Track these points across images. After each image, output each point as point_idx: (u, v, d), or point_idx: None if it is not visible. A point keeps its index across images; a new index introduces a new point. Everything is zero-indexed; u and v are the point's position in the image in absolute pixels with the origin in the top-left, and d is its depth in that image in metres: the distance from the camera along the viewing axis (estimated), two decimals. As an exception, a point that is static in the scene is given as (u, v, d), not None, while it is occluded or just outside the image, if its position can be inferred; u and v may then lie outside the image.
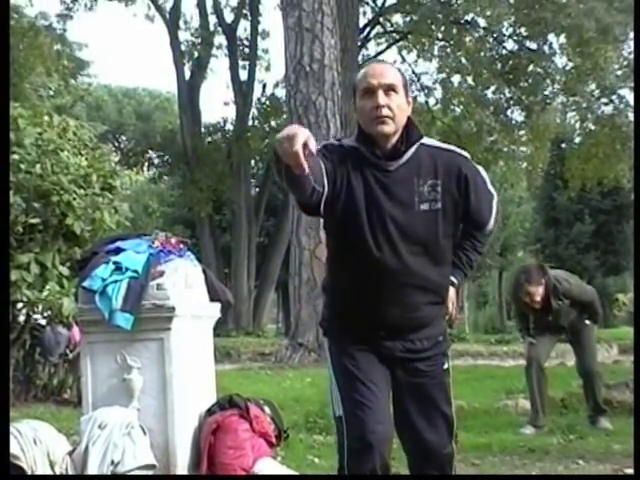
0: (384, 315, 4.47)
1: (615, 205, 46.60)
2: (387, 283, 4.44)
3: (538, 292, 9.84)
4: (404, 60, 34.38)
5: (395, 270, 4.41)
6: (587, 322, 10.20)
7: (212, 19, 38.26)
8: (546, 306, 9.78)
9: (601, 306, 10.55)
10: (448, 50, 33.14)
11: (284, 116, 30.53)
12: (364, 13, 31.98)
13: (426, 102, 34.44)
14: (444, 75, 33.29)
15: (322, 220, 4.55)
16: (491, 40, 32.21)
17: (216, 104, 45.82)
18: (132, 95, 53.20)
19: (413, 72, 34.29)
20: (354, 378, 4.50)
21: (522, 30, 31.48)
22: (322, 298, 4.85)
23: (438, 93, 33.59)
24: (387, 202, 4.38)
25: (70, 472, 6.08)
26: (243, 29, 38.15)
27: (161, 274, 6.63)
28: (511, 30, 31.90)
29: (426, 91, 33.41)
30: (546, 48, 31.38)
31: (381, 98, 4.35)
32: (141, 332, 6.52)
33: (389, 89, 4.35)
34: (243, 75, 37.62)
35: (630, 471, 7.55)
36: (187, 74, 38.02)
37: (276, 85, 37.79)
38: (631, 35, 30.06)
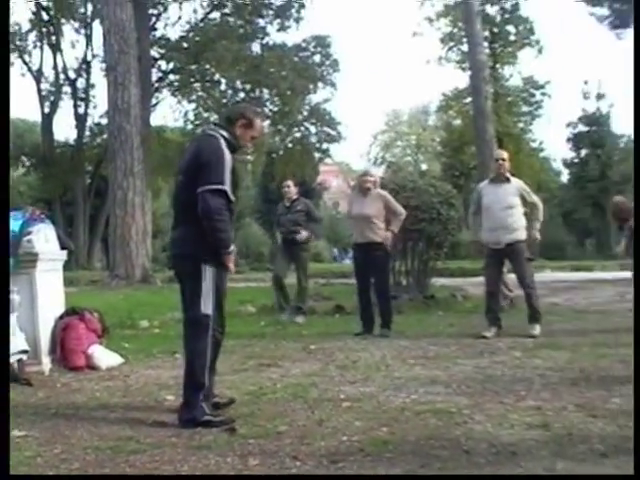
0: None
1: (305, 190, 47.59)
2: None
3: None
4: (179, 102, 33.68)
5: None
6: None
7: (62, 76, 36.61)
8: None
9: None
10: (204, 96, 33.08)
11: (105, 135, 29.33)
12: (155, 73, 31.21)
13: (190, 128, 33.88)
14: (201, 111, 32.99)
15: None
16: (230, 92, 32.40)
17: (64, 128, 43.99)
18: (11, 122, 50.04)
19: (185, 110, 33.81)
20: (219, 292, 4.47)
21: (247, 86, 31.84)
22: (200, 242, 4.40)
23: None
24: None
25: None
26: (80, 82, 36.84)
27: (29, 233, 6.43)
28: (241, 86, 32.15)
29: (190, 121, 32.74)
30: (262, 96, 31.77)
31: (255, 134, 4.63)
32: (18, 269, 6.26)
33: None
34: (81, 110, 36.54)
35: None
36: (46, 109, 36.34)
37: (101, 116, 36.13)
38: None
